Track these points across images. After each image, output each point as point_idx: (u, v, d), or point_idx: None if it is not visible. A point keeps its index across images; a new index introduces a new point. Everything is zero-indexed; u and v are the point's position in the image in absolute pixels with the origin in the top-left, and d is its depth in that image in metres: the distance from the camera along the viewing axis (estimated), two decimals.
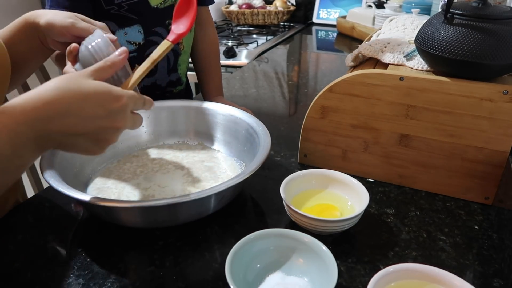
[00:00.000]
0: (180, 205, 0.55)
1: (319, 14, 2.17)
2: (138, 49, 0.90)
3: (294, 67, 1.49)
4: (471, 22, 0.57)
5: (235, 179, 0.56)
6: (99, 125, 0.45)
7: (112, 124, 0.46)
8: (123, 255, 0.56)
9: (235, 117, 0.75)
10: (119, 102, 0.45)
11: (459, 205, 0.66)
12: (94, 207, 0.58)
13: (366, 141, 0.70)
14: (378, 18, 1.68)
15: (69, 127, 0.43)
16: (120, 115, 0.46)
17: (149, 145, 0.79)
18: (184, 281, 0.51)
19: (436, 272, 0.45)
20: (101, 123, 0.45)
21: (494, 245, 0.57)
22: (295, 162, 0.78)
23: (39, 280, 0.52)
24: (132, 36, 0.90)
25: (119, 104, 0.45)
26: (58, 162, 0.60)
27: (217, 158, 0.75)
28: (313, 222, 0.55)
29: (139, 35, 0.91)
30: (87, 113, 0.43)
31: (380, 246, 0.57)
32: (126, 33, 0.90)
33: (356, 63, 0.76)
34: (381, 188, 0.70)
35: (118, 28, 0.89)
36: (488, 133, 0.61)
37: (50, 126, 0.42)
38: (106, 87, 0.45)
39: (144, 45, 0.91)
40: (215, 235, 0.59)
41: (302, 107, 1.08)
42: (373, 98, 0.66)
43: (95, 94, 0.44)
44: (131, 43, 0.90)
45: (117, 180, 0.69)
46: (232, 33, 2.03)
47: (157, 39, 0.91)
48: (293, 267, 0.50)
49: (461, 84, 0.60)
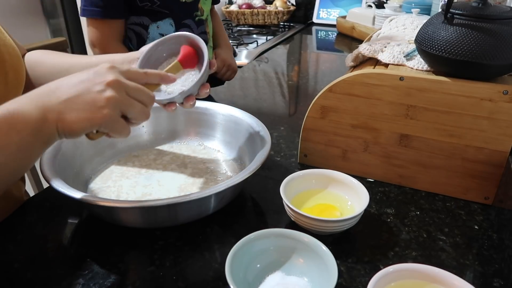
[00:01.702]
0: (180, 205, 0.55)
1: (319, 14, 2.17)
2: None
3: (294, 67, 1.49)
4: (471, 22, 0.57)
5: (235, 179, 0.56)
6: (86, 80, 0.45)
7: (99, 78, 0.45)
8: (123, 255, 0.56)
9: (235, 117, 0.75)
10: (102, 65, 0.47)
11: (459, 205, 0.66)
12: (94, 207, 0.58)
13: (366, 141, 0.70)
14: (378, 18, 1.68)
15: (62, 93, 0.45)
16: (107, 72, 0.46)
17: (149, 145, 0.79)
18: (184, 281, 0.51)
19: (436, 272, 0.45)
20: (88, 80, 0.45)
21: (494, 245, 0.57)
22: (295, 162, 0.78)
23: (39, 280, 0.52)
24: (164, 29, 1.00)
25: (102, 65, 0.47)
26: (58, 162, 0.60)
27: (217, 158, 0.75)
28: (313, 222, 0.55)
29: (170, 28, 1.01)
30: (75, 78, 0.46)
31: (380, 246, 0.57)
32: (159, 26, 1.00)
33: (356, 63, 0.76)
34: (381, 188, 0.70)
35: (151, 22, 1.00)
36: (488, 133, 0.61)
37: (49, 99, 0.44)
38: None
39: None
40: (215, 235, 0.59)
41: (302, 107, 1.07)
42: (373, 98, 0.66)
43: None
44: (164, 35, 0.97)
45: (117, 180, 0.69)
46: (232, 33, 2.03)
47: (187, 31, 1.00)
48: (293, 267, 0.50)
49: (461, 84, 0.60)
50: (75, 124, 0.44)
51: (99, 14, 0.95)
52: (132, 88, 0.47)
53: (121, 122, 0.47)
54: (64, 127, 0.44)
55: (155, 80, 0.52)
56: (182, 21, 1.02)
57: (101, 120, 0.45)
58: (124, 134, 0.48)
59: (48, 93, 0.45)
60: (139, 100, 0.48)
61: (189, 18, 1.03)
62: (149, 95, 0.49)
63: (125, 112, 0.47)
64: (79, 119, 0.44)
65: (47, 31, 2.31)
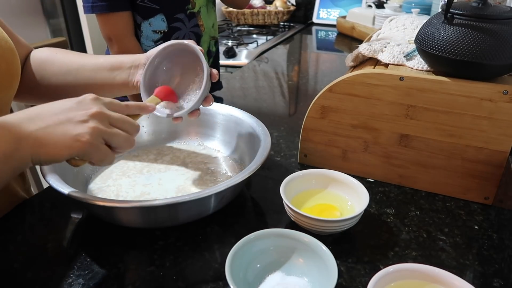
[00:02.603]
0: (180, 205, 0.55)
1: (319, 14, 2.17)
2: (164, 37, 1.02)
3: (294, 67, 1.49)
4: (471, 22, 0.57)
5: (235, 179, 0.56)
6: (68, 110, 0.46)
7: (82, 108, 0.46)
8: (123, 255, 0.56)
9: (235, 117, 0.75)
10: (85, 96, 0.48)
11: (459, 205, 0.66)
12: (94, 207, 0.58)
13: (366, 141, 0.70)
14: (378, 18, 1.68)
15: (42, 121, 0.45)
16: (90, 103, 0.47)
17: (149, 145, 0.79)
18: (184, 281, 0.51)
19: (436, 272, 0.45)
20: (71, 110, 0.46)
21: (494, 245, 0.57)
22: (295, 162, 0.78)
23: (39, 280, 0.52)
24: (156, 25, 1.01)
25: (86, 96, 0.48)
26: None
27: (217, 158, 0.75)
28: (313, 222, 0.55)
29: (162, 24, 1.01)
30: (58, 106, 0.47)
31: (380, 246, 0.57)
32: (151, 23, 1.01)
33: (356, 63, 0.76)
34: (381, 188, 0.70)
35: (143, 20, 1.01)
36: (488, 133, 0.61)
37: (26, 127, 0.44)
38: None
39: (169, 32, 1.02)
40: (215, 235, 0.59)
41: (302, 107, 1.08)
42: (373, 98, 0.66)
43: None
44: (156, 32, 1.02)
45: (117, 180, 0.69)
46: (232, 33, 2.03)
47: (179, 25, 1.04)
48: (293, 267, 0.50)
49: (461, 84, 0.60)
50: (52, 150, 0.44)
51: (106, 8, 0.96)
52: (115, 118, 0.48)
53: (103, 150, 0.47)
54: (41, 153, 0.44)
55: (135, 111, 0.53)
56: (173, 16, 1.02)
57: (81, 148, 0.45)
58: (106, 162, 0.49)
59: (26, 121, 0.45)
60: (123, 130, 0.49)
61: (181, 12, 1.03)
62: (133, 124, 0.51)
63: (109, 142, 0.48)
64: (57, 145, 0.44)
65: (47, 31, 2.31)
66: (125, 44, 1.00)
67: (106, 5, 0.95)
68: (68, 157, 0.46)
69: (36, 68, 0.69)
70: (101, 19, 0.99)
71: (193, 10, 1.05)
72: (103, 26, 1.00)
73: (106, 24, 0.99)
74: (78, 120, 0.45)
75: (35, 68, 0.69)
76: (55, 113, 0.46)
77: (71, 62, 0.68)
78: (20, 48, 0.69)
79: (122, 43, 1.00)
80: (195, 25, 1.07)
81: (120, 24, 0.99)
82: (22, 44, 0.70)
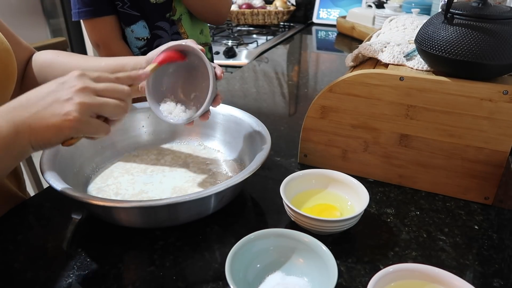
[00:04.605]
0: (180, 205, 0.55)
1: (319, 14, 2.17)
2: (147, 43, 1.03)
3: (294, 67, 1.49)
4: (471, 22, 0.57)
5: (235, 179, 0.56)
6: (55, 91, 0.46)
7: (67, 86, 0.46)
8: (123, 255, 0.56)
9: (235, 117, 0.75)
10: (71, 73, 0.47)
11: (459, 205, 0.66)
12: (94, 207, 0.58)
13: (366, 141, 0.70)
14: (378, 18, 1.68)
15: (32, 107, 0.45)
16: (75, 80, 0.46)
17: (149, 145, 0.79)
18: (184, 281, 0.51)
19: (436, 272, 0.45)
20: (57, 90, 0.46)
21: (494, 245, 0.57)
22: (295, 162, 0.78)
23: (39, 280, 0.52)
24: (138, 32, 1.01)
25: (71, 73, 0.47)
26: (58, 162, 0.60)
27: (217, 158, 0.75)
28: (313, 222, 0.55)
29: (144, 30, 1.02)
30: (44, 89, 0.47)
31: (380, 246, 0.57)
32: (133, 30, 1.01)
33: (356, 63, 0.76)
34: (381, 188, 0.70)
35: (126, 27, 1.01)
36: (488, 133, 0.61)
37: (20, 113, 0.44)
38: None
39: (151, 39, 1.03)
40: (215, 235, 0.59)
41: (302, 107, 1.07)
42: (373, 98, 0.66)
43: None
44: (139, 39, 1.03)
45: (117, 180, 0.69)
46: (232, 33, 2.03)
47: (161, 33, 1.03)
48: (293, 267, 0.50)
49: (461, 84, 0.60)
50: (46, 134, 0.45)
51: (91, 13, 0.97)
52: (101, 88, 0.48)
53: (94, 124, 0.47)
54: (37, 139, 0.45)
55: (127, 81, 0.52)
56: (155, 23, 1.02)
57: (71, 126, 0.45)
58: (101, 134, 0.48)
59: (19, 107, 0.45)
60: (113, 98, 0.48)
61: (162, 19, 1.02)
62: (121, 90, 0.49)
63: (100, 113, 0.47)
64: (49, 128, 0.45)
65: (47, 31, 2.31)
66: (112, 48, 1.01)
67: (91, 10, 0.96)
68: (64, 137, 0.46)
69: (39, 70, 0.69)
70: (88, 25, 1.00)
71: (173, 18, 1.05)
72: (91, 31, 1.01)
73: (93, 29, 1.00)
74: (64, 99, 0.45)
75: (37, 71, 0.69)
76: (42, 97, 0.46)
77: (73, 65, 0.68)
78: (22, 51, 0.69)
79: (108, 48, 1.01)
80: (175, 32, 1.06)
81: (107, 28, 1.00)
82: (24, 47, 0.70)
